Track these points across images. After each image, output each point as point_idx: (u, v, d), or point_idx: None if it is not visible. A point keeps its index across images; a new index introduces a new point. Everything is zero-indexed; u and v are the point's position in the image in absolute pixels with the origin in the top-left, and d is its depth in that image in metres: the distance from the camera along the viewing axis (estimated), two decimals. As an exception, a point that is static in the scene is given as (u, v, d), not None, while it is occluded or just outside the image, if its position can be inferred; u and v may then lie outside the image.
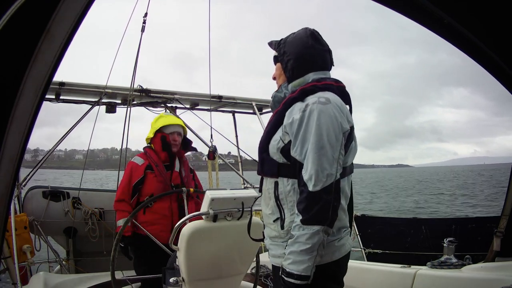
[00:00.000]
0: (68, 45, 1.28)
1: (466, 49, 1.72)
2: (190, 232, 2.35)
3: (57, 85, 4.22)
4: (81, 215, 4.54)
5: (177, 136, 3.51)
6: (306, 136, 1.61)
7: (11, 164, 1.32)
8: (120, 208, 3.33)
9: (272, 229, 1.75)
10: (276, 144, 1.70)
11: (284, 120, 1.70)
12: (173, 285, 2.38)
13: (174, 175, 3.43)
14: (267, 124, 1.80)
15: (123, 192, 3.33)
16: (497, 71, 1.75)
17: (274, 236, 1.75)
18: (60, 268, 4.48)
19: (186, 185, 3.41)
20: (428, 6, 1.48)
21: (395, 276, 2.81)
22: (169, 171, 3.43)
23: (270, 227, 1.78)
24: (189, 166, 3.63)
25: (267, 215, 1.77)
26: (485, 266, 2.54)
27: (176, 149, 3.49)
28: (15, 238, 3.54)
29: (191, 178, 3.61)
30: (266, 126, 1.80)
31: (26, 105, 1.28)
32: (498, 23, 1.55)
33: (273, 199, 1.72)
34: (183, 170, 3.52)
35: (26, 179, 4.32)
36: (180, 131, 3.56)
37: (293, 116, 1.67)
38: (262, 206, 1.82)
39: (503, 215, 2.64)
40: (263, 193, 1.80)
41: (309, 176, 1.56)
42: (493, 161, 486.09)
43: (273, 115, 1.79)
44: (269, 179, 1.75)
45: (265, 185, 1.78)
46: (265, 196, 1.79)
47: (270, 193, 1.74)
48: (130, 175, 3.36)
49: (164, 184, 3.34)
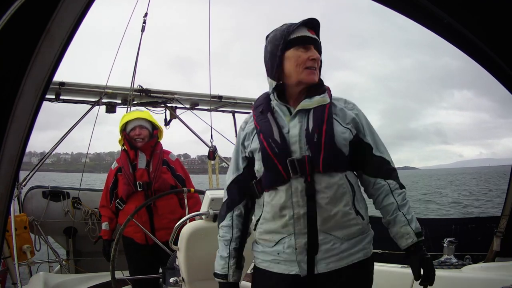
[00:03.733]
0: (68, 45, 1.28)
1: (466, 49, 1.72)
2: (190, 232, 2.36)
3: (57, 85, 4.21)
4: (81, 215, 4.54)
5: (139, 129, 3.34)
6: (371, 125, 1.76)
7: (11, 164, 1.32)
8: (102, 213, 3.50)
9: (354, 225, 1.62)
10: (348, 136, 1.64)
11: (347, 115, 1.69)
12: (173, 285, 2.37)
13: (138, 173, 3.30)
14: (314, 117, 1.63)
15: (104, 198, 3.45)
16: (497, 71, 1.75)
17: (356, 231, 1.63)
18: (60, 268, 4.48)
19: (153, 180, 3.29)
20: (428, 6, 1.49)
21: (395, 276, 2.81)
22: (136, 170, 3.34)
23: (350, 224, 1.61)
24: (161, 159, 3.39)
25: (345, 212, 1.59)
26: (485, 266, 2.54)
27: (142, 143, 3.33)
28: (15, 238, 3.54)
29: (163, 171, 3.38)
30: (314, 119, 1.62)
31: (26, 105, 1.28)
32: (498, 24, 1.56)
33: (350, 192, 1.61)
34: (152, 165, 3.34)
35: (26, 179, 4.32)
36: (141, 123, 3.37)
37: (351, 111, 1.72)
38: (327, 206, 1.58)
39: (503, 215, 2.64)
40: (330, 190, 1.58)
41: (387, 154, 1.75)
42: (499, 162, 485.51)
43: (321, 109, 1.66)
44: (338, 174, 1.60)
45: (330, 180, 1.59)
46: (335, 193, 1.59)
47: (344, 187, 1.60)
48: (107, 181, 3.44)
49: (127, 186, 3.29)
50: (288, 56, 1.65)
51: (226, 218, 1.76)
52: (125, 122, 3.39)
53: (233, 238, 1.75)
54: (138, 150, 3.35)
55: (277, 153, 1.60)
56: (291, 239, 1.60)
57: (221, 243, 1.77)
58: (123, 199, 3.32)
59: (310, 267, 1.59)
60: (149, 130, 3.41)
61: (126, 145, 3.40)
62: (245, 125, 1.79)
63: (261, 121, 1.68)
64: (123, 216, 3.26)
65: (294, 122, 1.64)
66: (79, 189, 4.68)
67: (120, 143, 3.48)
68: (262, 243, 1.71)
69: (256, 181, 1.70)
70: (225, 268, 1.74)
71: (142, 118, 3.43)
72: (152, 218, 3.26)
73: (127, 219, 2.77)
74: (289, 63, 1.65)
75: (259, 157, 1.65)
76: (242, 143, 1.76)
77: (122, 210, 3.33)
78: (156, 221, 3.26)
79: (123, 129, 3.40)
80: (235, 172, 1.77)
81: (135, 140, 3.34)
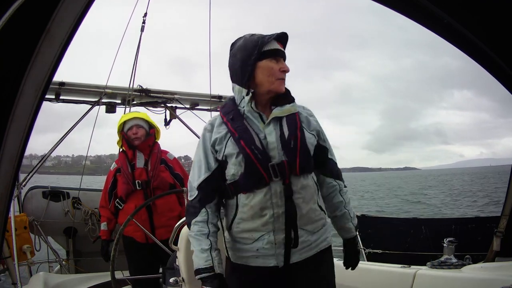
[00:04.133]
0: (68, 45, 1.28)
1: (466, 49, 1.72)
2: (190, 232, 2.35)
3: (57, 85, 4.22)
4: (81, 215, 4.54)
5: (136, 129, 3.39)
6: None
7: (11, 164, 1.32)
8: (101, 214, 3.52)
9: (320, 219, 1.84)
10: (313, 141, 1.84)
11: (310, 122, 1.87)
12: (173, 285, 2.37)
13: (137, 172, 3.33)
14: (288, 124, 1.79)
15: (103, 199, 3.47)
16: (497, 71, 1.75)
17: (321, 224, 1.85)
18: (60, 268, 4.48)
19: (152, 179, 3.31)
20: (428, 6, 1.49)
21: (395, 276, 2.81)
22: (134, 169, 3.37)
23: (317, 219, 1.82)
24: (159, 158, 3.43)
25: (313, 209, 1.80)
26: (485, 266, 2.53)
27: (139, 142, 3.37)
28: (15, 238, 3.54)
29: (161, 170, 3.41)
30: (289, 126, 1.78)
31: (26, 105, 1.28)
32: (498, 24, 1.55)
33: (315, 192, 1.83)
34: (150, 164, 3.38)
35: (26, 179, 4.32)
36: (138, 123, 3.42)
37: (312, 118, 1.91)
38: (302, 204, 1.75)
39: (503, 215, 2.64)
40: (304, 190, 1.76)
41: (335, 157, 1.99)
42: (499, 162, 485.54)
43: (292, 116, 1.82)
44: (309, 175, 1.81)
45: (304, 182, 1.77)
46: (308, 193, 1.78)
47: (312, 187, 1.81)
48: (106, 182, 3.46)
49: (127, 185, 3.32)
50: (261, 66, 1.75)
51: (201, 214, 1.79)
52: (122, 122, 3.43)
53: (210, 232, 1.79)
54: (136, 150, 3.38)
55: (259, 159, 1.71)
56: (270, 236, 1.74)
57: (198, 237, 1.78)
58: (123, 198, 3.34)
59: (286, 259, 1.76)
60: (146, 129, 3.45)
61: (124, 145, 3.43)
62: (212, 128, 1.83)
63: (238, 127, 1.76)
64: (123, 215, 3.27)
65: (270, 129, 1.76)
66: (79, 189, 4.68)
67: (119, 144, 3.51)
68: (240, 240, 1.80)
69: (230, 183, 1.78)
70: (209, 260, 1.75)
71: (139, 117, 3.48)
72: (152, 216, 3.27)
73: (127, 219, 2.76)
74: (262, 72, 1.76)
75: (236, 162, 1.74)
76: (212, 145, 1.81)
77: (121, 210, 3.35)
78: (155, 220, 3.28)
79: (121, 129, 3.43)
80: (206, 172, 1.80)
81: (132, 140, 3.38)
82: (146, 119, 3.49)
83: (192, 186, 1.82)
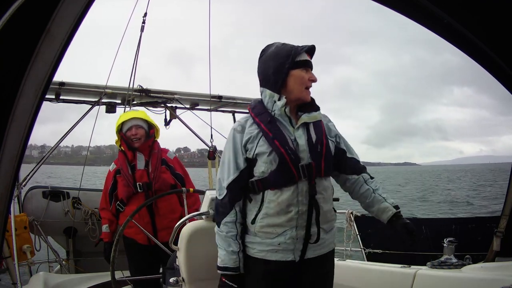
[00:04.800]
0: (68, 45, 1.28)
1: (466, 49, 1.72)
2: (190, 232, 2.36)
3: (57, 85, 4.22)
4: (81, 215, 4.54)
5: (135, 129, 3.31)
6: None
7: (11, 164, 1.32)
8: (102, 216, 3.48)
9: (333, 219, 2.02)
10: (333, 147, 2.01)
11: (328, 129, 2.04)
12: (173, 285, 2.37)
13: (138, 174, 3.28)
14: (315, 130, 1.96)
15: (103, 200, 3.44)
16: (497, 71, 1.75)
17: (333, 224, 2.03)
18: (60, 268, 4.49)
19: (153, 181, 3.27)
20: (428, 6, 1.49)
21: (395, 276, 2.81)
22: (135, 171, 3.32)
23: (331, 219, 2.00)
24: (159, 159, 3.38)
25: (330, 209, 1.97)
26: (485, 266, 2.53)
27: (139, 143, 3.31)
28: (15, 238, 3.54)
29: (163, 171, 3.36)
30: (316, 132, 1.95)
31: (26, 105, 1.28)
32: (498, 24, 1.55)
33: (332, 193, 2.02)
34: (151, 164, 3.32)
35: (26, 179, 4.32)
36: (138, 123, 3.34)
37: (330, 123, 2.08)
38: (322, 204, 1.91)
39: (503, 215, 2.64)
40: (325, 191, 1.94)
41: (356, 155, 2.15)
42: (499, 160, 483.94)
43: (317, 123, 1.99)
44: (329, 178, 2.00)
45: (326, 183, 1.95)
46: (328, 194, 1.96)
47: (331, 189, 2.00)
48: (106, 183, 3.42)
49: (127, 188, 3.27)
50: (294, 75, 1.90)
51: (230, 214, 1.91)
52: (121, 122, 3.36)
53: (238, 233, 1.91)
54: (137, 151, 3.33)
55: (292, 159, 1.85)
56: (292, 231, 1.86)
57: (227, 239, 1.90)
58: (124, 201, 3.30)
59: (303, 254, 1.91)
60: (145, 129, 3.38)
61: (123, 146, 3.38)
62: (243, 129, 1.94)
63: (272, 128, 1.89)
64: (123, 218, 3.20)
65: (299, 133, 1.91)
66: (79, 189, 4.68)
67: (117, 143, 3.46)
68: (262, 235, 1.89)
69: (258, 179, 1.89)
70: (237, 261, 1.89)
71: (138, 117, 3.40)
72: (154, 219, 3.25)
73: (127, 220, 2.76)
74: (294, 81, 1.90)
75: (268, 160, 1.86)
76: (244, 145, 1.91)
77: (122, 212, 3.31)
78: (157, 222, 3.25)
79: (120, 129, 3.38)
80: (235, 172, 1.90)
81: (132, 141, 3.32)
82: (145, 119, 3.43)
83: (221, 185, 1.93)
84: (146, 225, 3.11)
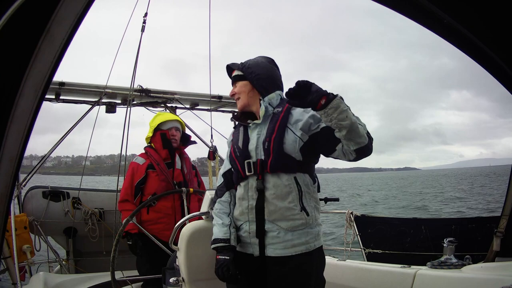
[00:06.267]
0: (68, 45, 1.28)
1: (466, 49, 1.71)
2: (190, 232, 2.36)
3: (57, 85, 4.22)
4: (81, 215, 4.54)
5: (175, 131, 3.51)
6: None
7: (11, 164, 1.32)
8: (124, 208, 3.35)
9: (298, 219, 1.94)
10: (297, 144, 1.95)
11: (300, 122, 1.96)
12: (173, 285, 2.38)
13: (176, 173, 3.44)
14: (268, 128, 2.01)
15: (126, 193, 3.38)
16: (497, 71, 1.74)
17: (300, 225, 1.95)
18: (60, 268, 4.48)
19: (189, 182, 3.44)
20: (428, 6, 1.48)
21: (395, 276, 2.81)
22: (171, 169, 3.44)
23: (294, 218, 1.94)
24: (191, 163, 3.63)
25: (289, 207, 1.93)
26: (485, 266, 2.53)
27: (176, 144, 3.50)
28: (15, 238, 3.55)
29: (194, 175, 3.61)
30: (268, 130, 2.00)
31: (26, 105, 1.28)
32: (498, 24, 1.55)
33: (296, 191, 1.94)
34: (185, 167, 3.52)
35: (26, 179, 4.32)
36: (177, 126, 3.56)
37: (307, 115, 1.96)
38: (273, 200, 1.93)
39: (503, 215, 2.64)
40: (277, 188, 1.94)
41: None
42: (499, 162, 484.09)
43: (275, 121, 2.01)
44: (285, 175, 1.94)
45: (279, 180, 1.94)
46: (281, 191, 1.94)
47: (291, 187, 1.94)
48: (132, 175, 3.40)
49: (166, 183, 3.36)
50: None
51: (225, 195, 2.15)
52: (162, 121, 3.48)
53: (231, 212, 2.10)
54: (175, 151, 3.47)
55: (238, 156, 2.04)
56: (246, 225, 2.01)
57: (220, 214, 2.10)
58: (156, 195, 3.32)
59: (262, 250, 1.97)
60: (181, 133, 3.57)
61: (157, 143, 3.45)
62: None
63: (235, 132, 2.17)
64: (153, 213, 3.29)
65: (253, 134, 2.06)
66: (79, 189, 4.68)
67: (147, 140, 3.54)
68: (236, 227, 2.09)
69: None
70: (227, 233, 2.03)
71: (178, 121, 3.60)
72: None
73: (126, 220, 2.77)
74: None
75: (228, 160, 2.14)
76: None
77: (153, 207, 3.32)
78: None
79: (157, 126, 3.47)
80: (228, 165, 2.17)
81: (171, 141, 3.46)
82: (182, 125, 3.63)
83: (220, 174, 2.21)
84: (171, 223, 3.17)
